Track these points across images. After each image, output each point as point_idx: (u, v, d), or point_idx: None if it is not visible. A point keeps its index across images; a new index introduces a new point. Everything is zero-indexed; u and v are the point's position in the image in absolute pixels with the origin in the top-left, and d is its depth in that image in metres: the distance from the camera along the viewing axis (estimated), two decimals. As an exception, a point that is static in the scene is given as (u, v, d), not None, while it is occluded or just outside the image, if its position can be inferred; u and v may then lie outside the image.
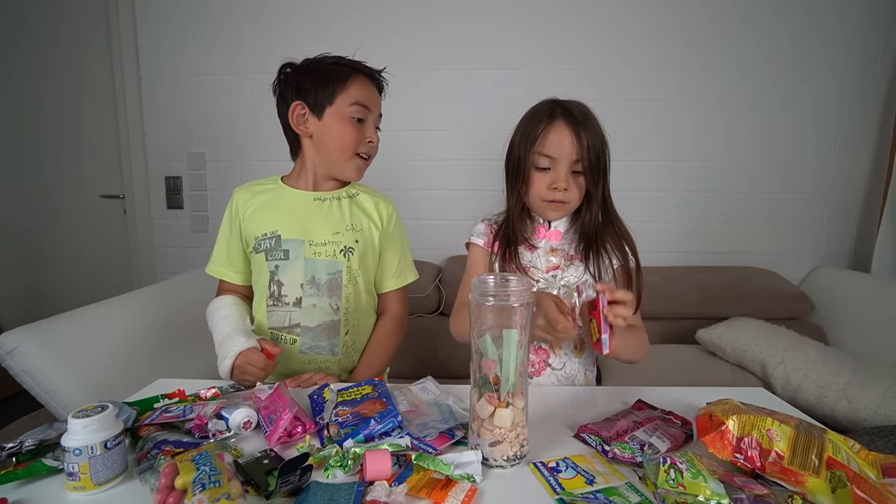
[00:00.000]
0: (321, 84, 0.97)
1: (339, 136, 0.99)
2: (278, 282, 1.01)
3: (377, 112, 1.03)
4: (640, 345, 0.94)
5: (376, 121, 1.03)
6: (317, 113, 0.98)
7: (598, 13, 1.93)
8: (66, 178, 2.31)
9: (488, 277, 0.63)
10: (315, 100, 0.98)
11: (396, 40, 1.97)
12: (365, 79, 1.00)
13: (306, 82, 0.98)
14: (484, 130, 1.93)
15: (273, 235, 1.00)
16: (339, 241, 1.01)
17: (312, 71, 0.99)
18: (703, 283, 1.83)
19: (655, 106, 1.96)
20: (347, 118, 0.98)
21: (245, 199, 1.04)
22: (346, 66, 1.00)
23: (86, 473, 0.56)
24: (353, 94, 0.98)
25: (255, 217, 1.02)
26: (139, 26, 2.07)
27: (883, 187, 1.92)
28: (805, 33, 1.91)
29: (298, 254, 1.00)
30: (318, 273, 1.01)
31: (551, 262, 0.97)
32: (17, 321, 1.10)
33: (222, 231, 1.07)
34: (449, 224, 2.04)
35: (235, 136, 2.08)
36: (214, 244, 1.09)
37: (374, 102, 1.01)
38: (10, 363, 1.02)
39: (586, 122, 0.90)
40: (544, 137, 0.90)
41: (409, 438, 0.65)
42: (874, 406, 1.32)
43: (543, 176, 0.92)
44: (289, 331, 1.01)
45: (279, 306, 1.01)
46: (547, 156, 0.90)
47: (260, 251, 1.01)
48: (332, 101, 0.97)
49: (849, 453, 0.58)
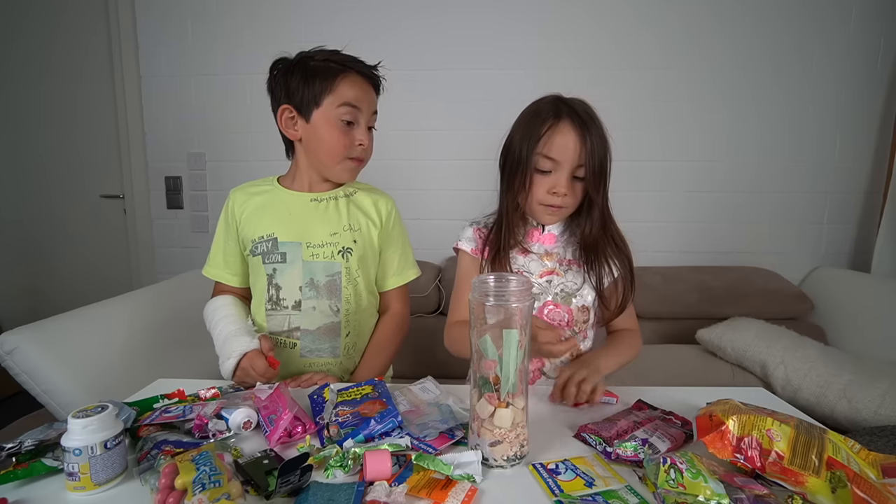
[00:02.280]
0: (308, 85, 0.94)
1: (328, 141, 0.95)
2: (276, 285, 0.99)
3: (370, 111, 0.98)
4: (632, 353, 0.95)
5: (369, 120, 0.98)
6: (304, 116, 0.95)
7: (602, 12, 1.93)
8: (66, 178, 2.31)
9: (488, 277, 0.62)
10: (302, 102, 0.94)
11: (397, 39, 1.97)
12: (356, 76, 0.95)
13: (293, 83, 0.95)
14: (485, 130, 1.91)
15: (270, 238, 0.99)
16: (337, 242, 0.99)
17: (301, 69, 0.94)
18: (704, 283, 1.83)
19: (658, 106, 1.96)
20: (335, 122, 0.94)
21: (241, 200, 1.03)
22: (334, 64, 0.94)
23: (86, 473, 0.56)
24: (341, 94, 0.93)
25: (252, 219, 1.01)
26: (139, 26, 2.06)
27: (883, 187, 1.92)
28: (806, 33, 1.91)
29: (296, 256, 0.98)
30: (317, 275, 0.99)
31: (546, 267, 0.95)
32: (17, 321, 1.10)
33: (218, 233, 1.06)
34: (449, 224, 2.03)
35: (235, 136, 2.08)
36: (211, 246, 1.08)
37: (366, 101, 0.96)
38: (10, 363, 1.02)
39: (592, 125, 0.86)
40: (549, 138, 0.86)
41: (409, 438, 0.65)
42: (874, 406, 1.32)
43: (544, 179, 0.88)
44: (288, 335, 1.00)
45: (278, 310, 1.00)
46: (550, 158, 0.87)
47: (257, 254, 1.00)
48: (319, 103, 0.94)
49: (849, 453, 0.58)
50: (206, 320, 1.01)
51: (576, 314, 0.93)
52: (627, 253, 0.93)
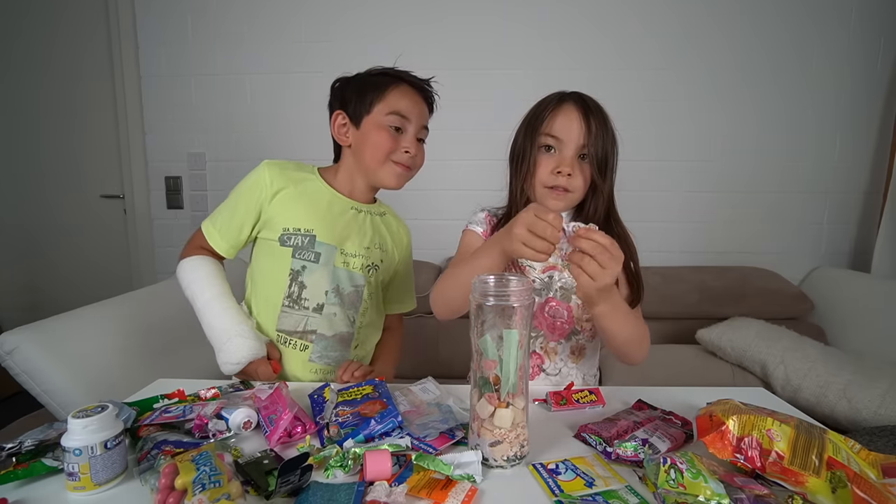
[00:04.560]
0: (361, 94, 0.96)
1: (374, 143, 0.95)
2: (301, 283, 0.96)
3: (420, 124, 0.98)
4: (640, 333, 0.85)
5: (418, 132, 0.98)
6: (356, 123, 0.97)
7: (602, 13, 1.94)
8: (66, 178, 2.31)
9: (488, 277, 0.62)
10: (355, 110, 0.97)
11: (397, 39, 1.97)
12: (407, 88, 0.97)
13: (349, 93, 0.98)
14: (485, 130, 1.93)
15: (308, 234, 0.96)
16: (368, 257, 1.01)
17: (357, 82, 0.98)
18: (704, 283, 1.83)
19: (657, 106, 1.96)
20: (384, 126, 0.95)
21: (278, 180, 0.97)
22: (388, 76, 0.98)
23: (86, 473, 0.56)
24: (391, 103, 0.95)
25: (287, 205, 0.96)
26: (139, 26, 2.07)
27: (883, 187, 1.92)
28: (806, 33, 1.91)
29: (329, 260, 0.97)
30: (343, 283, 0.98)
31: (548, 262, 0.92)
32: (18, 321, 1.10)
33: (237, 198, 0.98)
34: (449, 224, 2.02)
35: (235, 135, 2.08)
36: (221, 204, 1.00)
37: (416, 113, 0.97)
38: (10, 363, 1.02)
39: (598, 112, 0.87)
40: (552, 119, 0.87)
41: (410, 439, 0.65)
42: (874, 406, 1.32)
43: (548, 158, 0.88)
44: (301, 336, 0.97)
45: (296, 308, 0.97)
46: (553, 136, 0.87)
47: (288, 245, 0.96)
48: (370, 110, 0.95)
49: (849, 453, 0.58)
50: (188, 284, 0.96)
51: (576, 311, 0.93)
52: (630, 246, 0.91)
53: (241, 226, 0.98)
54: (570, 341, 0.94)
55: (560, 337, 0.94)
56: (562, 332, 0.94)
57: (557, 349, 0.94)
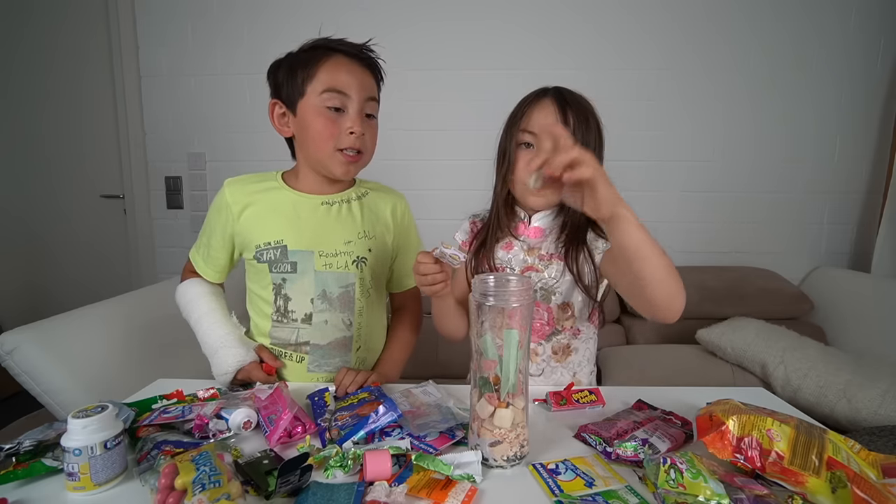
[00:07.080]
0: (292, 75, 0.86)
1: (313, 131, 0.86)
2: (285, 296, 0.92)
3: (363, 96, 0.87)
4: (670, 262, 0.69)
5: (364, 107, 0.87)
6: (292, 109, 0.88)
7: (599, 13, 1.93)
8: (66, 177, 2.31)
9: (488, 277, 0.62)
10: (288, 94, 0.88)
11: (397, 39, 1.96)
12: (342, 58, 0.86)
13: (280, 77, 0.88)
14: (485, 130, 1.90)
15: (278, 245, 0.90)
16: (352, 252, 0.93)
17: (287, 62, 0.88)
18: (704, 283, 1.83)
19: (656, 106, 1.96)
20: (320, 109, 0.85)
21: (240, 197, 0.93)
22: (317, 49, 0.87)
23: (86, 473, 0.56)
24: (324, 79, 0.85)
25: (255, 221, 0.92)
26: (139, 26, 2.06)
27: (883, 187, 1.92)
28: (806, 34, 1.91)
29: (308, 266, 0.91)
30: (330, 286, 0.92)
31: (526, 263, 0.92)
32: (18, 321, 1.11)
33: (208, 225, 0.97)
34: (449, 224, 2.01)
35: (236, 135, 2.08)
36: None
37: (355, 85, 0.86)
38: (10, 363, 1.02)
39: (577, 105, 0.84)
40: (529, 114, 0.85)
41: (410, 440, 0.65)
42: (874, 406, 1.32)
43: (525, 153, 0.85)
44: (295, 348, 0.93)
45: (285, 322, 0.93)
46: (530, 132, 0.85)
47: (263, 262, 0.91)
48: (304, 91, 0.85)
49: (849, 453, 0.58)
50: (183, 307, 0.96)
51: (556, 312, 0.92)
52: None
53: (218, 251, 0.96)
54: (550, 342, 0.93)
55: (540, 338, 0.93)
56: (541, 334, 0.93)
57: (538, 350, 0.93)
